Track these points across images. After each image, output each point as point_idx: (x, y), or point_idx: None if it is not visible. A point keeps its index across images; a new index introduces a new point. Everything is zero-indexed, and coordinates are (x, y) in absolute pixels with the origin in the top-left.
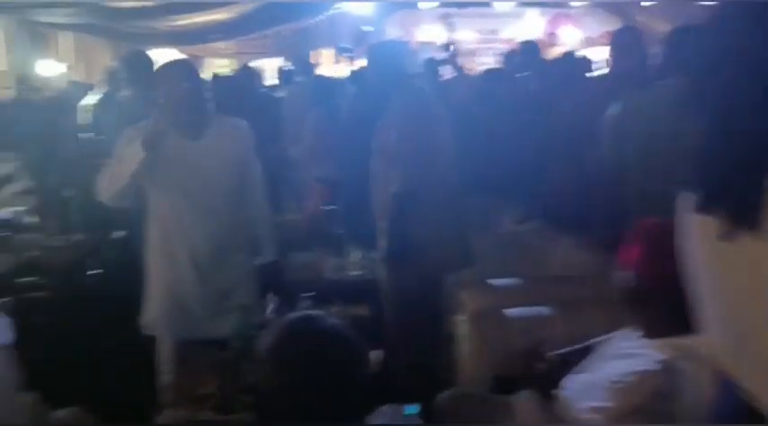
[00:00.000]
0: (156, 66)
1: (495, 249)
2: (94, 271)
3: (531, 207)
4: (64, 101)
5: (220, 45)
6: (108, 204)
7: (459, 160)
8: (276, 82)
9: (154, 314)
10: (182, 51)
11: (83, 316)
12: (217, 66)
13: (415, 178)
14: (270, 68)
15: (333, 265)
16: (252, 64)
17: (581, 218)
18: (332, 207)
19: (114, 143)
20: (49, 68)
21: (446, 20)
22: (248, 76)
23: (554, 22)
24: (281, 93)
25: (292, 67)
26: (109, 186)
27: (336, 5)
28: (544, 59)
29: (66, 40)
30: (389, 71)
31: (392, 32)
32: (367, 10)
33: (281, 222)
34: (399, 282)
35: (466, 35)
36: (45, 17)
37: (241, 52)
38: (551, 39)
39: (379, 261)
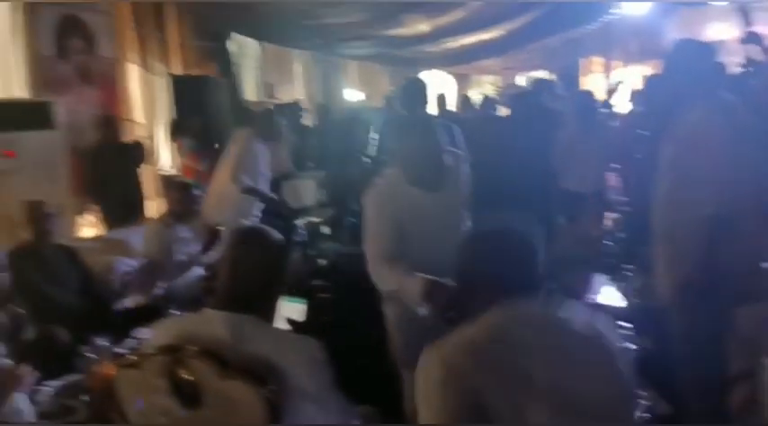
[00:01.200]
0: (428, 92)
1: None
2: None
3: None
4: (352, 124)
5: (486, 62)
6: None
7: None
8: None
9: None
10: (449, 71)
11: (363, 319)
12: (484, 82)
13: (729, 200)
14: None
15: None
16: (518, 78)
17: None
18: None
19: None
20: (339, 95)
21: (743, 14)
22: (543, 90)
23: None
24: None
25: (557, 80)
26: (374, 273)
27: (613, 10)
28: None
29: (352, 69)
30: (691, 74)
31: (674, 34)
32: (645, 11)
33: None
34: (691, 314)
35: (764, 31)
36: (336, 50)
37: (507, 68)
38: None
39: (665, 288)
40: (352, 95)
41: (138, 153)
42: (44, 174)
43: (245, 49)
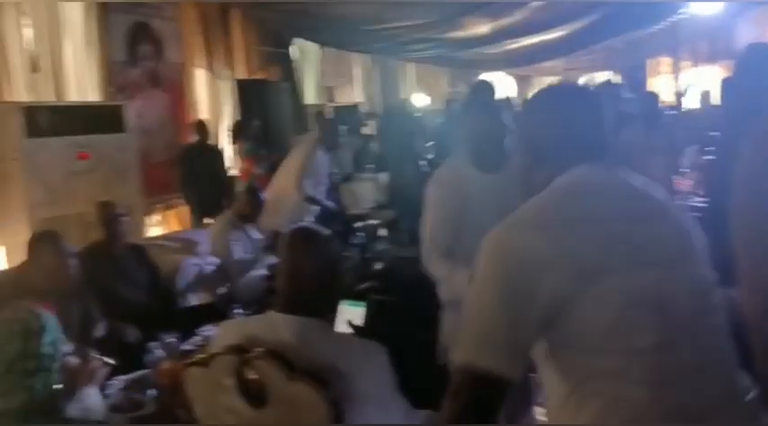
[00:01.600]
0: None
1: None
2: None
3: None
4: (410, 126)
5: (548, 63)
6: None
7: None
8: None
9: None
10: (510, 73)
11: (421, 322)
12: (545, 84)
13: None
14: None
15: None
16: (581, 79)
17: None
18: None
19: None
20: (398, 98)
21: None
22: (606, 92)
23: None
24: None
25: (622, 81)
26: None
27: (681, 10)
28: None
29: (411, 71)
30: (764, 79)
31: (746, 34)
32: (716, 10)
33: None
34: None
35: None
36: (396, 53)
37: (569, 68)
38: None
39: (748, 307)
40: (411, 97)
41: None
42: (116, 175)
43: (306, 54)
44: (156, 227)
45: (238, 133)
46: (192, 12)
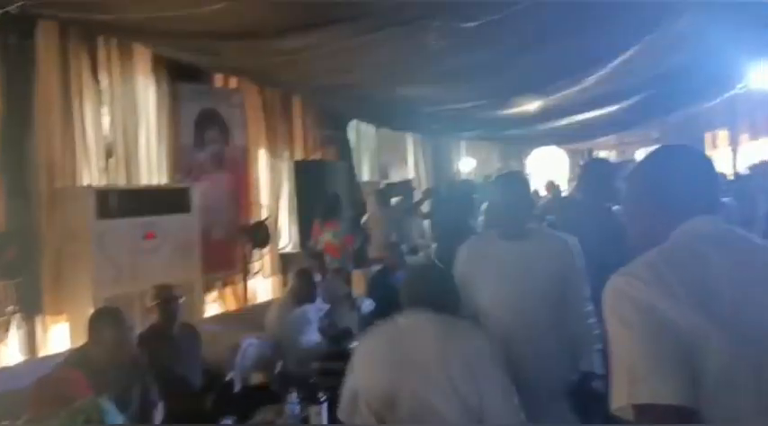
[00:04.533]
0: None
1: None
2: None
3: None
4: (461, 201)
5: (601, 139)
6: None
7: None
8: None
9: None
10: (563, 148)
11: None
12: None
13: None
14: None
15: None
16: (637, 153)
17: None
18: None
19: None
20: (450, 173)
21: None
22: None
23: None
24: None
25: None
26: None
27: (740, 85)
28: None
29: (463, 147)
30: None
31: None
32: None
33: None
34: None
35: None
36: (449, 133)
37: (624, 142)
38: None
39: None
40: (463, 173)
41: (264, 233)
42: (178, 253)
43: (362, 133)
44: (212, 304)
45: (330, 214)
46: (257, 99)
